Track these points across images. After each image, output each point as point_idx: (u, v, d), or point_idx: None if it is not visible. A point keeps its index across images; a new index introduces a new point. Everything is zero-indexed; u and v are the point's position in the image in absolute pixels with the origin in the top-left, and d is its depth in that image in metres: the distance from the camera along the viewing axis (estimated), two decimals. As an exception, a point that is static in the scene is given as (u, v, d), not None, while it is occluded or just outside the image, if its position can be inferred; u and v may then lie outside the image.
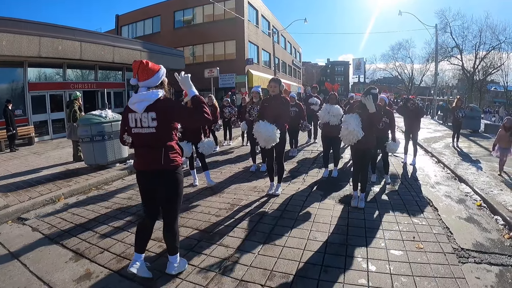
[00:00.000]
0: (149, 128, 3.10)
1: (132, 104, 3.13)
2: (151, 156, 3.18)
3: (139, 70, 3.13)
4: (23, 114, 14.77)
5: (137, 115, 3.12)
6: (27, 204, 5.98)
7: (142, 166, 3.27)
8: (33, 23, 14.66)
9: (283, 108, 5.80)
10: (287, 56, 47.22)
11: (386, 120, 6.92)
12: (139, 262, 3.38)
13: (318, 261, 3.75)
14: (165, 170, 3.20)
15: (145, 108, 3.07)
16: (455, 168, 8.28)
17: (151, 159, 3.17)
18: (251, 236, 4.46)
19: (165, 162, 3.17)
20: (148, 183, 3.29)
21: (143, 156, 3.24)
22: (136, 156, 3.34)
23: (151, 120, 3.08)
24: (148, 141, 3.17)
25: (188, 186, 6.97)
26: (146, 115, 3.08)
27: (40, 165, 9.44)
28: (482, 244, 4.20)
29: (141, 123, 3.12)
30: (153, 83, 3.18)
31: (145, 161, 3.23)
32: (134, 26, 35.78)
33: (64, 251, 4.20)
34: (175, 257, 3.49)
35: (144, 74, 3.14)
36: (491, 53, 38.70)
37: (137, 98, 3.10)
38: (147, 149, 3.20)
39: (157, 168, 3.17)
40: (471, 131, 17.06)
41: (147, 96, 3.08)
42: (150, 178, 3.25)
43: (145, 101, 3.07)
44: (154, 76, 3.19)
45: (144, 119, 3.10)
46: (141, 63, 3.15)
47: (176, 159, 3.27)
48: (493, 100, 62.18)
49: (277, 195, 6.13)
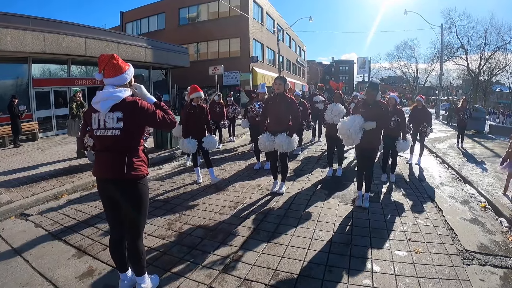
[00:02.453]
0: (113, 130, 2.76)
1: (95, 103, 2.81)
2: (112, 162, 2.82)
3: (107, 65, 2.83)
4: (27, 110, 14.71)
5: (101, 115, 2.78)
6: (30, 200, 5.97)
7: (102, 173, 2.90)
8: (37, 19, 14.63)
9: (293, 108, 5.79)
10: (292, 54, 47.09)
11: (397, 119, 6.89)
12: (128, 281, 3.17)
13: (323, 261, 3.73)
14: (127, 180, 2.84)
15: (110, 107, 2.75)
16: (460, 169, 8.25)
17: (112, 166, 2.82)
18: (255, 234, 4.45)
19: (128, 171, 2.80)
20: (109, 192, 2.92)
21: (104, 161, 2.86)
22: (96, 161, 2.95)
23: (116, 120, 2.74)
24: (111, 144, 2.82)
25: (192, 183, 6.97)
26: (111, 115, 2.75)
27: (44, 161, 9.43)
28: (487, 246, 4.17)
29: (104, 124, 2.77)
30: (121, 82, 2.88)
31: (105, 167, 2.86)
32: (138, 23, 35.77)
33: (67, 247, 4.19)
34: (142, 278, 3.10)
35: (112, 71, 2.84)
36: (496, 53, 38.49)
37: (101, 96, 2.78)
38: (108, 154, 2.84)
39: (119, 177, 2.81)
40: (475, 132, 17.04)
41: (112, 94, 2.77)
42: (110, 187, 2.89)
43: (110, 99, 2.75)
44: (123, 74, 2.89)
45: (108, 119, 2.76)
46: (111, 57, 2.84)
47: (141, 168, 2.91)
48: (498, 101, 61.98)
49: (281, 194, 6.11)
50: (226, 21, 29.51)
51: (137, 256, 3.01)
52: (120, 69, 2.87)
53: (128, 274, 3.17)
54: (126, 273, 3.16)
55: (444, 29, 31.66)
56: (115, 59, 2.85)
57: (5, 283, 3.37)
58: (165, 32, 32.36)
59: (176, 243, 4.22)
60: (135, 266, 3.05)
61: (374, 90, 5.28)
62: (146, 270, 3.12)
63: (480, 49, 38.88)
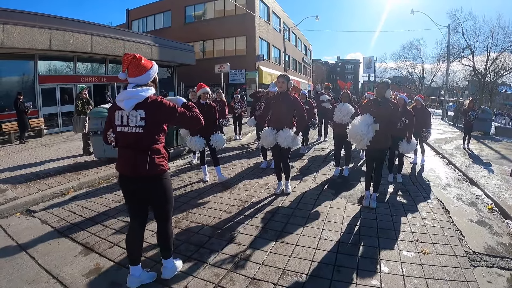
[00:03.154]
0: (136, 127, 2.88)
1: (119, 101, 2.89)
2: (135, 159, 2.93)
3: (131, 65, 2.92)
4: (33, 106, 14.76)
5: (124, 112, 2.90)
6: (36, 197, 5.98)
7: (125, 170, 3.02)
8: (44, 16, 14.70)
9: (297, 107, 5.73)
10: (297, 53, 47.06)
11: (405, 120, 6.87)
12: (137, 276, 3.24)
13: (331, 261, 3.72)
14: (151, 177, 2.98)
15: (133, 106, 2.86)
16: (466, 170, 8.21)
17: (135, 163, 2.93)
18: (263, 233, 4.44)
19: (150, 167, 2.93)
20: (131, 187, 3.05)
21: (127, 159, 2.97)
22: (119, 157, 3.07)
23: (139, 119, 2.86)
24: (133, 142, 2.93)
25: (199, 181, 6.98)
26: (134, 113, 2.87)
27: (50, 157, 9.47)
28: (494, 248, 4.15)
29: (127, 121, 2.88)
30: (144, 81, 2.98)
31: (128, 165, 2.97)
32: (144, 21, 35.95)
33: (73, 244, 4.19)
34: (170, 260, 3.33)
35: (136, 70, 2.94)
36: (503, 54, 38.24)
37: (125, 95, 2.88)
38: (131, 150, 2.95)
39: (142, 174, 2.93)
40: (481, 133, 16.97)
41: (136, 93, 2.87)
42: (133, 183, 3.01)
43: (134, 98, 2.86)
44: (146, 74, 2.99)
45: (131, 117, 2.87)
46: (134, 57, 2.92)
47: (162, 164, 3.04)
48: (504, 103, 61.69)
49: (288, 194, 6.08)
50: (232, 20, 29.58)
51: (166, 238, 3.23)
52: (143, 68, 2.97)
53: (138, 269, 3.24)
54: (137, 267, 3.23)
55: (451, 30, 31.52)
56: (137, 59, 2.93)
57: (11, 280, 3.37)
58: (171, 30, 32.46)
59: (184, 241, 4.21)
60: (166, 247, 3.26)
61: (385, 86, 5.29)
62: (172, 253, 3.34)
63: (486, 50, 38.71)
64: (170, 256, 3.32)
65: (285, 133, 5.64)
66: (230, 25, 29.44)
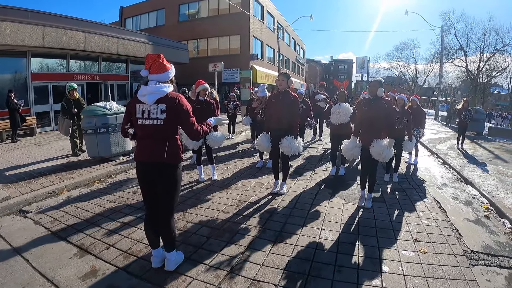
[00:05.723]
0: (157, 119, 3.12)
1: (142, 96, 3.14)
2: (155, 147, 3.19)
3: (154, 63, 3.17)
4: (25, 104, 14.58)
5: (146, 106, 3.14)
6: (28, 197, 5.87)
7: (144, 156, 3.25)
8: (37, 12, 14.53)
9: (294, 106, 5.66)
10: (291, 53, 47.08)
11: (405, 121, 6.90)
12: (159, 256, 3.54)
13: (331, 261, 3.70)
14: (167, 164, 3.22)
15: (155, 100, 3.11)
16: (461, 170, 8.24)
17: (155, 151, 3.19)
18: (262, 234, 4.40)
19: (168, 155, 3.19)
20: (148, 174, 3.27)
21: (147, 147, 3.23)
22: (138, 147, 3.33)
23: (160, 112, 3.11)
24: (154, 133, 3.17)
25: (195, 181, 6.92)
26: (156, 106, 3.11)
27: (42, 156, 9.35)
28: (491, 247, 4.17)
29: (149, 114, 3.13)
30: (165, 78, 3.23)
31: (148, 152, 3.22)
32: (138, 19, 35.68)
33: (68, 246, 4.11)
34: (173, 253, 3.50)
35: (158, 68, 3.18)
36: (496, 55, 38.54)
37: (147, 90, 3.12)
38: (151, 140, 3.21)
39: (159, 160, 3.19)
40: (475, 133, 17.10)
41: (159, 89, 3.12)
42: (150, 169, 3.24)
43: (157, 93, 3.11)
44: (166, 72, 3.24)
45: (153, 110, 3.12)
46: (158, 56, 3.20)
47: (178, 153, 3.30)
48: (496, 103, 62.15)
49: (282, 194, 6.03)
50: (226, 18, 29.48)
51: (169, 232, 3.37)
52: (165, 67, 3.23)
53: (159, 250, 3.55)
54: (158, 249, 3.54)
55: (444, 31, 31.68)
56: (161, 58, 3.20)
57: (4, 283, 3.30)
58: (165, 28, 32.21)
59: (182, 242, 4.16)
60: (169, 241, 3.42)
61: (377, 84, 5.26)
62: (175, 245, 3.52)
63: (479, 51, 39.01)
64: (173, 249, 3.49)
65: (288, 142, 5.59)
66: (224, 24, 29.34)
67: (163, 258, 3.53)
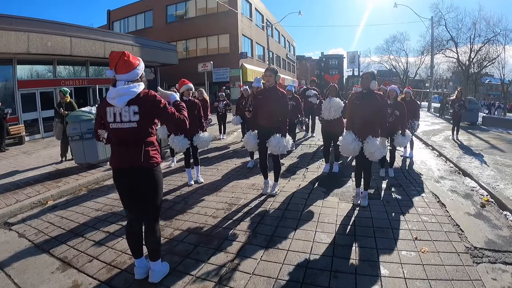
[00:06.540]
0: (130, 122, 2.94)
1: (111, 99, 2.94)
2: (129, 152, 3.00)
3: (119, 62, 2.93)
4: (13, 112, 14.33)
5: (117, 109, 2.95)
6: (14, 208, 5.69)
7: (120, 162, 3.08)
8: (21, 18, 14.28)
9: (282, 103, 5.43)
10: (281, 50, 47.05)
11: (397, 113, 6.66)
12: (142, 267, 3.33)
13: (327, 266, 3.48)
14: (144, 168, 3.04)
15: (126, 102, 2.92)
16: (458, 162, 8.09)
17: (130, 156, 3.00)
18: (252, 239, 4.18)
19: (145, 159, 3.02)
20: (126, 181, 3.08)
21: (122, 152, 3.04)
22: (113, 153, 3.14)
23: (132, 114, 2.93)
24: (127, 137, 3.00)
25: (183, 185, 6.70)
26: (128, 109, 2.93)
27: (30, 165, 9.14)
28: (495, 242, 3.99)
29: (121, 117, 2.95)
30: (133, 77, 3.01)
31: (123, 158, 3.03)
32: (126, 21, 35.54)
33: (51, 259, 3.92)
34: (158, 263, 3.29)
35: (124, 67, 2.95)
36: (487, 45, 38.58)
37: (116, 92, 2.91)
38: (126, 144, 3.02)
39: (136, 165, 3.00)
40: (469, 124, 17.06)
41: (128, 89, 2.92)
42: (128, 176, 3.05)
43: (126, 95, 2.91)
44: (135, 70, 3.01)
45: (124, 113, 2.94)
46: (123, 54, 2.95)
47: (156, 156, 3.13)
48: (487, 93, 62.39)
49: (274, 195, 5.80)
50: (214, 17, 29.44)
51: (154, 239, 3.19)
52: (132, 65, 2.99)
53: (143, 260, 3.33)
54: (141, 259, 3.32)
55: (434, 22, 31.66)
56: (126, 55, 2.96)
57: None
58: (153, 30, 32.12)
59: (167, 251, 3.93)
60: (154, 249, 3.22)
61: (369, 77, 5.00)
62: (160, 255, 3.31)
63: (470, 41, 39.04)
64: (158, 258, 3.28)
65: (276, 140, 5.37)
66: (212, 23, 29.27)
67: (147, 269, 3.31)
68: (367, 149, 4.92)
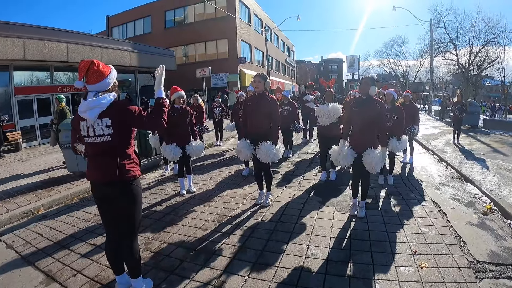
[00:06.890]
0: (103, 136, 2.80)
1: (82, 113, 2.80)
2: (105, 166, 2.85)
3: (89, 71, 2.78)
4: (9, 119, 14.33)
5: (89, 123, 2.80)
6: (4, 218, 5.59)
7: (95, 176, 2.94)
8: (17, 25, 14.29)
9: (272, 109, 5.24)
10: (281, 55, 47.03)
11: (395, 117, 6.46)
12: (124, 283, 3.18)
13: (318, 285, 3.27)
14: (120, 182, 2.88)
15: (97, 115, 2.77)
16: (460, 167, 7.90)
17: (105, 170, 2.85)
18: (241, 254, 3.97)
19: (120, 173, 2.85)
20: (103, 195, 2.95)
21: (97, 166, 2.91)
22: (88, 166, 3.01)
23: (105, 127, 2.78)
24: (102, 150, 2.85)
25: (175, 194, 6.53)
26: (100, 122, 2.78)
27: (24, 172, 9.07)
28: (499, 255, 3.77)
29: (94, 131, 2.81)
30: (104, 87, 2.86)
31: (98, 171, 2.90)
32: (125, 27, 35.60)
33: (36, 273, 3.80)
34: (139, 280, 3.12)
35: (93, 77, 2.80)
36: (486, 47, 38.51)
37: (86, 105, 2.77)
38: (100, 158, 2.88)
39: (111, 179, 2.85)
40: (469, 127, 16.87)
41: (98, 102, 2.76)
42: (103, 190, 2.92)
43: (97, 107, 2.75)
44: (105, 80, 2.85)
45: (97, 126, 2.79)
46: (92, 63, 2.79)
47: (133, 169, 2.97)
48: (488, 95, 62.33)
49: (267, 206, 5.59)
50: (213, 23, 29.46)
51: (132, 257, 3.02)
52: (102, 74, 2.84)
53: (124, 277, 3.19)
54: (123, 275, 3.18)
55: (433, 25, 31.58)
56: (95, 64, 2.81)
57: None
58: (152, 36, 32.16)
59: (152, 266, 3.76)
60: (133, 266, 3.07)
61: (369, 81, 4.77)
62: (141, 271, 3.15)
63: (469, 43, 38.99)
64: (139, 275, 3.12)
65: (265, 148, 5.14)
66: (211, 29, 29.30)
67: (129, 286, 3.17)
68: (367, 162, 4.67)
